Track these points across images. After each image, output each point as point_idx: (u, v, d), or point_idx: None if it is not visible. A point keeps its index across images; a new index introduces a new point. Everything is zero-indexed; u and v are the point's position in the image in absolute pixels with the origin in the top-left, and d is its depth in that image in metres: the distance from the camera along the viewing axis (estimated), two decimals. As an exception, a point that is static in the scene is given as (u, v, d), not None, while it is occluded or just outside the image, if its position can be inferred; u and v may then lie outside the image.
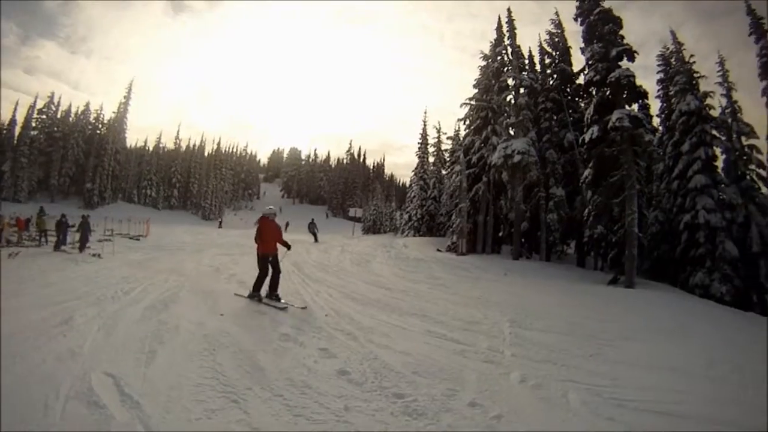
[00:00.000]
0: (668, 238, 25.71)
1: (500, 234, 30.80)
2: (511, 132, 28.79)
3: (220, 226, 61.08)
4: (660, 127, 29.59)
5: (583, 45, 23.67)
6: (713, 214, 22.89)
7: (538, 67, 32.57)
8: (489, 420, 5.09)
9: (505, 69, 30.62)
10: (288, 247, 11.13)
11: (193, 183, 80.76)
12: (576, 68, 29.96)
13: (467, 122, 33.16)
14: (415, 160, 50.65)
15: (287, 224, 51.81)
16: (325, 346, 7.17)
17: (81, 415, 4.52)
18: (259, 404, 5.00)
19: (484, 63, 31.95)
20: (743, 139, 25.62)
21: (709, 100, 25.66)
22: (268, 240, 10.62)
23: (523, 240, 28.66)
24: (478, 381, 6.28)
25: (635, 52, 22.03)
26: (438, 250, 29.84)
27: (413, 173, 50.30)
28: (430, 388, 5.78)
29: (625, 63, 21.99)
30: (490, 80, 31.04)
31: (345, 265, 19.28)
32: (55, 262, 15.75)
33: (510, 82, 30.01)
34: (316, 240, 32.18)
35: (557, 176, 27.92)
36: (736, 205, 23.85)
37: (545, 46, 32.25)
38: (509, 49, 30.79)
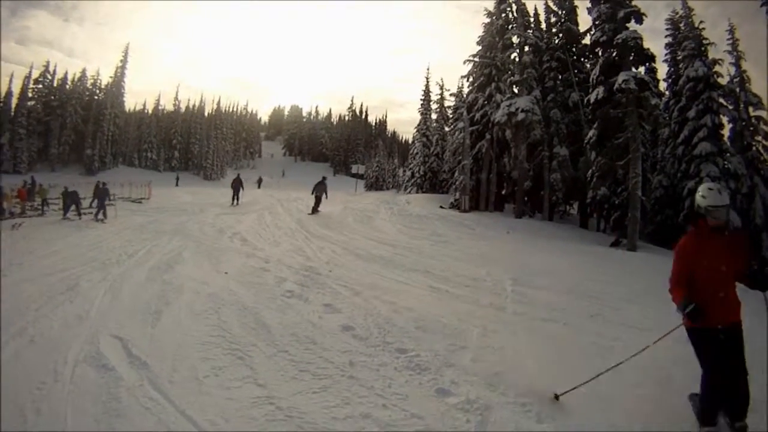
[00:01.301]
0: (672, 203, 25.58)
1: (503, 192, 30.59)
2: (515, 90, 28.52)
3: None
4: (666, 92, 28.98)
5: (590, 5, 23.22)
6: (717, 182, 22.63)
7: (543, 26, 31.89)
8: (491, 376, 5.14)
9: (510, 27, 29.98)
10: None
11: (193, 144, 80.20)
12: (582, 28, 29.23)
13: (470, 79, 32.69)
14: (418, 117, 50.11)
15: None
16: (329, 302, 7.24)
17: (90, 378, 4.59)
18: (265, 360, 5.07)
19: (488, 20, 31.29)
20: (750, 109, 25.45)
21: (717, 68, 25.21)
22: None
23: (526, 199, 28.56)
24: (481, 337, 6.34)
25: (643, 14, 21.68)
26: (441, 207, 29.56)
27: (416, 130, 49.70)
28: (433, 344, 5.85)
29: (632, 25, 21.65)
30: (494, 37, 30.50)
31: (348, 222, 19.32)
32: (59, 230, 15.75)
33: (514, 39, 29.41)
34: (315, 209, 21.97)
35: (561, 136, 27.68)
36: (740, 175, 23.68)
37: (551, 4, 31.42)
38: (514, 7, 30.12)
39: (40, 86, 65.72)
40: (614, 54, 21.83)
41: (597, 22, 22.49)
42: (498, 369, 5.32)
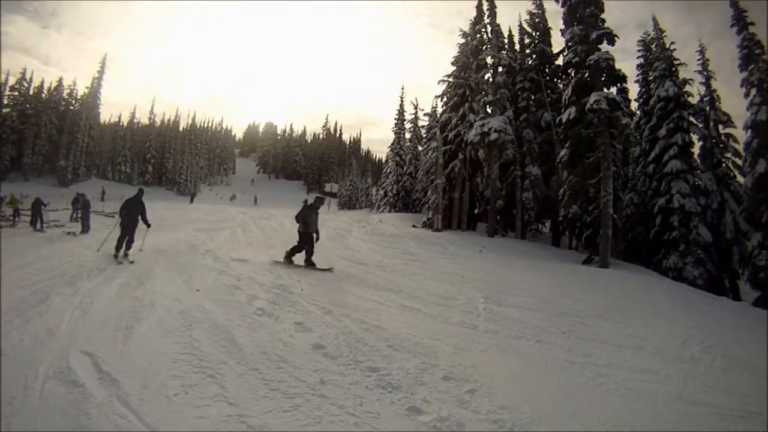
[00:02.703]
0: (643, 220, 26.09)
1: (476, 211, 31.07)
2: (489, 110, 28.97)
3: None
4: (638, 111, 29.93)
5: (563, 26, 23.80)
6: (688, 198, 23.19)
7: (517, 47, 32.68)
8: (463, 394, 5.19)
9: (484, 47, 30.44)
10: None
11: (168, 158, 79.62)
12: (555, 49, 30.05)
13: (444, 99, 33.24)
14: (392, 136, 50.63)
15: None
16: (300, 321, 7.23)
17: (60, 394, 4.51)
18: (235, 378, 5.03)
19: (462, 41, 31.80)
20: (720, 127, 26.25)
21: (687, 87, 26.02)
22: None
23: (498, 217, 28.82)
24: (453, 355, 6.39)
25: (615, 36, 22.22)
26: (414, 226, 29.84)
27: (389, 149, 50.33)
28: (405, 362, 5.88)
29: (604, 46, 22.18)
30: (469, 58, 30.94)
31: (321, 240, 19.28)
32: (31, 242, 15.51)
33: (489, 60, 29.81)
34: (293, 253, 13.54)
35: (534, 155, 28.13)
36: (711, 191, 24.32)
37: (525, 26, 32.21)
38: (489, 28, 30.52)
39: (16, 93, 64.68)
40: (586, 75, 22.36)
41: (570, 44, 23.02)
42: (470, 387, 5.37)
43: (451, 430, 4.37)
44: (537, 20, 31.64)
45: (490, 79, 29.30)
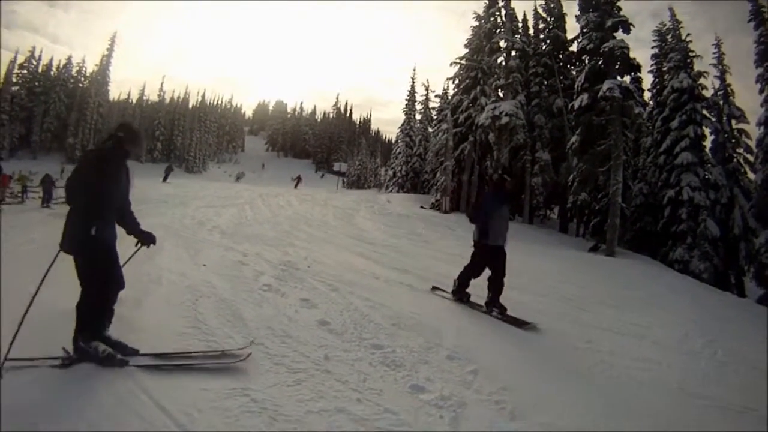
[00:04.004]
0: (651, 211, 26.09)
1: None
2: (500, 94, 28.86)
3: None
4: (650, 102, 29.92)
5: (578, 13, 23.70)
6: (697, 192, 23.16)
7: (531, 32, 32.66)
8: (465, 374, 5.19)
9: (498, 31, 30.35)
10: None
11: (176, 136, 79.62)
12: (570, 36, 29.83)
13: (456, 81, 33.21)
14: (402, 117, 50.56)
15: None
16: (306, 297, 7.23)
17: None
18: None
19: (476, 23, 31.72)
20: (733, 122, 26.07)
21: (702, 80, 25.85)
22: None
23: None
24: (457, 336, 6.40)
25: (631, 24, 22.02)
26: (422, 207, 29.96)
27: (399, 130, 50.30)
28: (409, 341, 5.89)
29: (619, 34, 22.01)
30: (482, 41, 30.84)
31: (328, 219, 19.39)
32: (39, 218, 15.58)
33: (502, 44, 29.72)
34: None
35: (544, 141, 28.10)
36: (721, 185, 24.21)
37: (540, 11, 32.15)
38: (503, 11, 30.39)
39: (25, 71, 64.84)
40: (600, 62, 22.17)
41: (585, 30, 22.94)
42: (472, 367, 5.36)
43: (452, 410, 4.36)
44: (552, 5, 31.49)
45: (503, 63, 29.23)
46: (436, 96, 44.13)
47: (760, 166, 23.85)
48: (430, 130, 44.54)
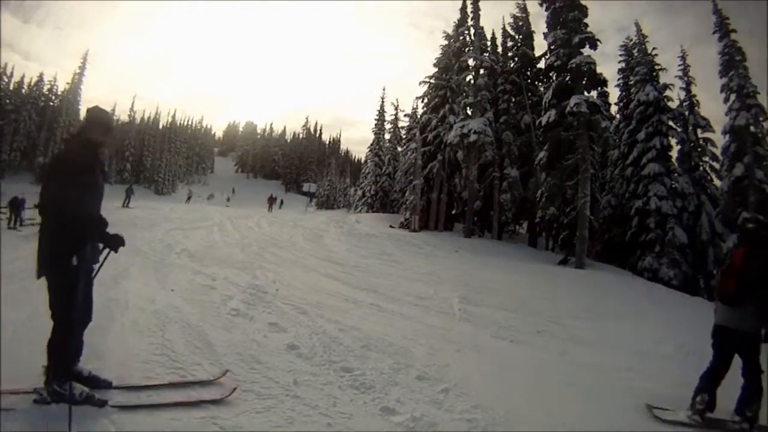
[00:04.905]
0: (619, 222, 26.58)
1: (453, 212, 31.24)
2: (469, 112, 29.14)
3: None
4: (617, 115, 30.55)
5: (546, 30, 24.19)
6: (665, 201, 23.67)
7: (500, 50, 33.06)
8: (436, 393, 5.19)
9: (467, 49, 30.73)
10: None
11: (146, 156, 78.89)
12: (538, 53, 30.31)
13: (425, 100, 33.64)
14: (371, 137, 50.83)
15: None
16: (275, 321, 7.17)
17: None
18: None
19: (445, 42, 32.08)
20: (699, 131, 26.89)
21: (668, 92, 26.53)
22: None
23: (475, 218, 29.16)
24: (427, 355, 6.42)
25: (598, 40, 22.59)
26: (391, 226, 30.02)
27: (368, 149, 50.57)
28: (379, 362, 5.88)
29: (586, 50, 22.55)
30: (451, 60, 31.17)
31: (297, 240, 19.29)
32: (8, 240, 15.29)
33: (470, 62, 30.10)
34: None
35: (512, 157, 28.47)
36: (688, 194, 24.82)
37: (509, 29, 32.65)
38: (472, 30, 30.75)
39: (-4, 88, 63.53)
40: (567, 78, 22.71)
41: (552, 47, 23.50)
42: (443, 386, 5.38)
43: (424, 430, 4.36)
44: (520, 23, 32.00)
45: (471, 81, 29.50)
46: (405, 115, 44.59)
47: (726, 173, 24.52)
48: (399, 149, 44.86)
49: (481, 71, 29.19)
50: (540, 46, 27.56)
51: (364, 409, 4.66)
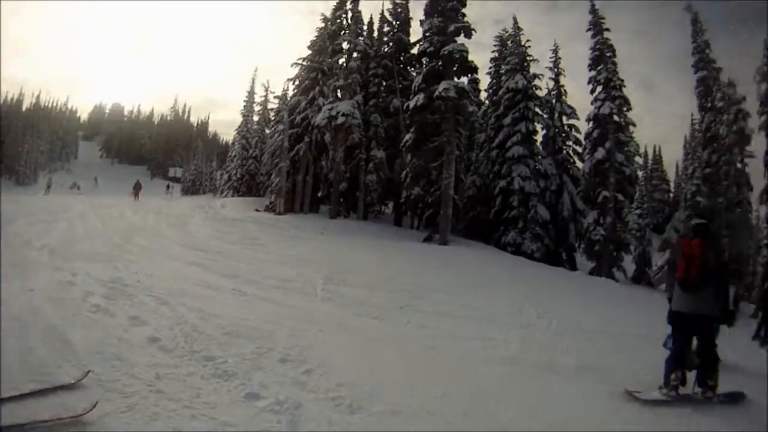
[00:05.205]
0: (484, 200, 28.17)
1: (319, 194, 31.98)
2: (339, 94, 29.51)
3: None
4: (486, 101, 32.47)
5: (423, 17, 24.88)
6: (528, 181, 25.36)
7: (375, 34, 33.66)
8: (300, 375, 5.40)
9: (343, 33, 31.19)
10: None
11: (7, 144, 72.75)
12: (414, 39, 30.95)
13: (297, 82, 33.39)
14: (240, 119, 49.93)
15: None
16: (136, 314, 7.03)
17: None
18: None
19: (322, 25, 32.13)
20: (564, 118, 29.21)
21: (537, 82, 28.42)
22: None
23: (342, 200, 30.11)
24: (289, 338, 6.59)
25: (473, 30, 23.57)
26: (257, 210, 30.32)
27: (236, 132, 49.95)
28: (241, 348, 5.96)
29: (461, 39, 23.51)
30: (326, 42, 31.28)
31: (162, 229, 18.81)
32: None
33: (344, 45, 30.79)
34: None
35: (379, 139, 29.23)
36: (550, 174, 26.91)
37: (387, 15, 33.37)
38: (350, 14, 31.32)
39: None
40: (439, 64, 23.55)
41: (427, 34, 24.22)
42: (306, 367, 5.59)
43: (289, 413, 4.45)
44: (399, 10, 32.96)
45: (344, 64, 30.08)
46: (275, 97, 43.92)
47: (588, 155, 26.80)
48: (268, 131, 44.41)
49: (355, 54, 29.89)
50: (417, 32, 28.48)
51: (228, 397, 4.71)
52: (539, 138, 28.76)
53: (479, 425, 4.72)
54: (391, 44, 32.70)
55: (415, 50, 28.76)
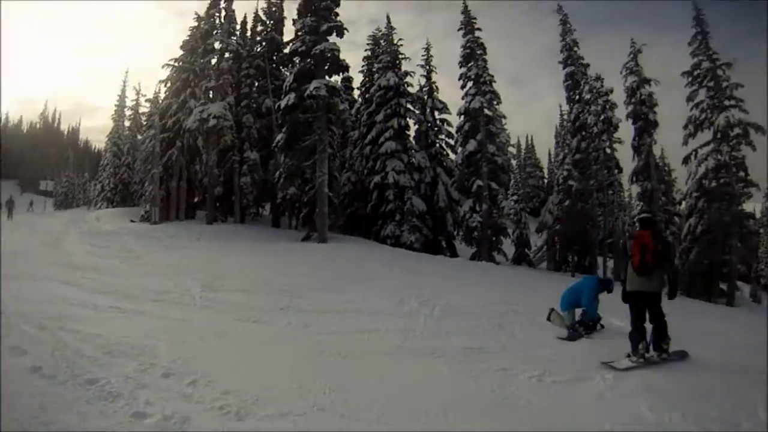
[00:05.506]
0: (361, 196, 28.73)
1: (195, 200, 31.79)
2: (210, 96, 29.05)
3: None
4: (359, 99, 32.82)
5: (296, 17, 24.91)
6: (402, 175, 26.12)
7: (249, 34, 33.49)
8: (184, 387, 5.37)
9: (215, 32, 30.67)
10: None
11: None
12: (287, 39, 30.87)
13: (168, 84, 32.55)
14: (111, 124, 47.91)
15: None
16: (14, 344, 6.58)
17: None
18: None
19: (195, 24, 31.43)
20: (436, 113, 30.28)
21: (408, 79, 29.21)
22: None
23: (217, 204, 29.87)
24: (170, 351, 6.53)
25: (345, 29, 24.01)
26: (132, 220, 29.70)
27: (107, 139, 47.86)
28: (123, 367, 5.82)
29: (333, 38, 23.83)
30: (198, 42, 30.66)
31: (33, 248, 17.71)
32: None
33: (216, 45, 30.43)
34: None
35: (252, 141, 29.32)
36: (424, 167, 27.79)
37: (261, 14, 33.20)
38: (224, 13, 30.96)
39: None
40: (311, 63, 23.73)
41: (299, 33, 24.36)
42: (190, 379, 5.58)
43: (177, 428, 4.45)
44: (274, 9, 32.94)
45: (216, 65, 29.70)
46: (146, 101, 42.67)
47: (461, 147, 28.34)
48: (140, 137, 42.68)
49: (227, 54, 29.61)
50: (291, 32, 28.44)
51: (115, 419, 4.61)
52: (412, 133, 29.81)
53: (372, 414, 4.92)
54: (264, 44, 32.65)
55: (287, 50, 28.89)
